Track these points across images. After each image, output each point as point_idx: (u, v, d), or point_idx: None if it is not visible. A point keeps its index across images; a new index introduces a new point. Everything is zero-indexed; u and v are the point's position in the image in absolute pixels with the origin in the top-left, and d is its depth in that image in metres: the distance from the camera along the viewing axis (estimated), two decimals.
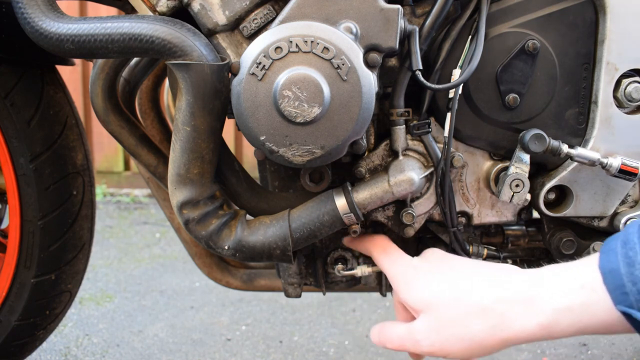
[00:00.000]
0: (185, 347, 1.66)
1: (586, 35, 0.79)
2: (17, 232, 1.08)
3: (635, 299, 0.54)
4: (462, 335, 0.66)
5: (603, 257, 0.59)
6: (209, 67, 0.68)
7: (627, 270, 0.55)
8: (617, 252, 0.57)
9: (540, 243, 0.92)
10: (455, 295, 0.68)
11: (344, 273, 0.90)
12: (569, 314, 0.60)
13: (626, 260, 0.56)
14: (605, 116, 0.80)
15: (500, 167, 0.83)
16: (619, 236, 0.59)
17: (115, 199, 3.58)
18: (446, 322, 0.67)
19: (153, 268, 2.37)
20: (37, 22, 0.71)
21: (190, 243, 1.14)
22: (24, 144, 1.03)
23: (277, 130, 0.69)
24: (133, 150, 0.98)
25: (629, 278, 0.55)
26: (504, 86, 0.79)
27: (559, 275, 0.63)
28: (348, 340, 1.71)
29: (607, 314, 0.57)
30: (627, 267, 0.55)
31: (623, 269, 0.55)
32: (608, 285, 0.57)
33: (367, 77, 0.68)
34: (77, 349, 1.64)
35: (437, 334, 0.67)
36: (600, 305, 0.57)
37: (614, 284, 0.56)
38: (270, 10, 0.74)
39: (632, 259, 0.55)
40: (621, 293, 0.55)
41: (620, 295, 0.55)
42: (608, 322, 0.58)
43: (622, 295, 0.55)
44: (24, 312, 1.11)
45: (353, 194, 0.77)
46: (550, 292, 0.62)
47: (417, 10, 0.80)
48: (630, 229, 0.58)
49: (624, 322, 0.56)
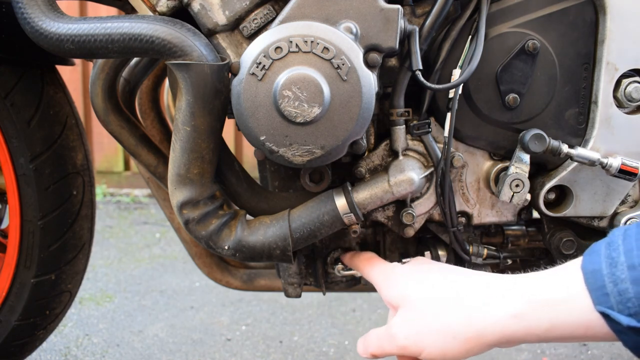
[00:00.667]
0: (185, 347, 1.66)
1: (586, 35, 0.79)
2: (17, 232, 1.08)
3: (615, 300, 0.53)
4: (437, 327, 0.65)
5: (586, 259, 0.57)
6: (209, 67, 0.68)
7: (609, 271, 0.54)
8: (600, 253, 0.56)
9: (540, 243, 0.92)
10: (431, 290, 0.68)
11: (344, 273, 0.90)
12: (544, 308, 0.58)
13: (608, 260, 0.55)
14: (605, 116, 0.80)
15: (500, 167, 0.83)
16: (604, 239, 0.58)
17: (115, 199, 3.58)
18: (421, 314, 0.67)
19: (153, 268, 2.37)
20: (37, 22, 0.71)
21: (190, 243, 1.14)
22: (24, 144, 1.03)
23: (277, 130, 0.69)
24: (133, 150, 0.98)
25: (611, 279, 0.53)
26: (504, 86, 0.79)
27: (539, 275, 0.62)
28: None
29: (586, 314, 0.55)
30: (609, 268, 0.54)
31: (605, 269, 0.54)
32: (589, 286, 0.55)
33: (367, 77, 0.68)
34: (77, 349, 1.64)
35: (411, 326, 0.67)
36: (579, 304, 0.56)
37: (595, 284, 0.55)
38: (270, 10, 0.74)
39: (615, 259, 0.54)
40: (602, 294, 0.54)
41: (600, 296, 0.54)
42: (586, 322, 0.56)
43: (603, 297, 0.54)
44: (24, 312, 1.11)
45: (353, 194, 0.77)
46: (527, 286, 0.61)
47: (417, 10, 0.80)
48: (617, 232, 0.57)
49: (603, 325, 0.55)
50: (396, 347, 0.68)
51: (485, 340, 0.62)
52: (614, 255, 0.54)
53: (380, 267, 0.78)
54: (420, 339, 0.66)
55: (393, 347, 0.68)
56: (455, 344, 0.64)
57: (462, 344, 0.63)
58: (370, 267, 0.80)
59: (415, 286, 0.70)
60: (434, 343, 0.65)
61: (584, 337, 0.57)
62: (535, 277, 0.62)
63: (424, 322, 0.66)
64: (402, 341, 0.67)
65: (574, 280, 0.57)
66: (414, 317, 0.67)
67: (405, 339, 0.67)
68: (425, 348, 0.65)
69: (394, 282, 0.73)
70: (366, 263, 0.81)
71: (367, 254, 0.84)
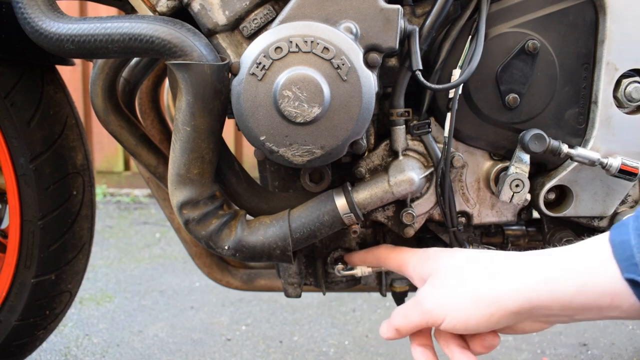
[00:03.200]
0: (185, 347, 1.66)
1: (586, 35, 0.79)
2: (17, 232, 1.08)
3: None
4: (463, 291, 0.65)
5: (614, 231, 0.58)
6: (209, 67, 0.68)
7: (638, 242, 0.54)
8: (629, 226, 0.56)
9: (540, 243, 0.92)
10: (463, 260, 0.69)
11: (344, 273, 0.90)
12: (571, 274, 0.58)
13: (637, 232, 0.55)
14: (605, 116, 0.80)
15: (500, 167, 0.83)
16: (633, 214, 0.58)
17: (115, 199, 3.58)
18: (450, 281, 0.67)
19: (153, 268, 2.37)
20: (37, 22, 0.71)
21: (190, 243, 1.14)
22: (24, 144, 1.03)
23: (277, 130, 0.69)
24: (133, 150, 0.98)
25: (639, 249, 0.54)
26: (504, 86, 0.79)
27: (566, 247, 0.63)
28: (348, 340, 1.71)
29: (613, 282, 0.56)
30: (637, 239, 0.54)
31: (634, 240, 0.55)
32: (617, 256, 0.56)
33: (367, 77, 0.68)
34: (77, 349, 1.64)
35: (439, 291, 0.67)
36: (607, 272, 0.56)
37: (624, 254, 0.55)
38: (270, 10, 0.74)
39: None
40: (630, 264, 0.54)
41: (629, 265, 0.54)
42: (612, 291, 0.56)
43: (632, 266, 0.54)
44: (24, 312, 1.11)
45: (353, 194, 0.77)
46: (554, 255, 0.62)
47: (417, 10, 0.80)
48: None
49: (629, 295, 0.55)
50: (421, 313, 0.68)
51: (508, 304, 0.62)
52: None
53: (410, 249, 0.79)
54: (446, 303, 0.66)
55: (417, 314, 0.69)
56: (479, 308, 0.64)
57: (485, 307, 0.63)
58: (401, 252, 0.79)
59: (447, 259, 0.71)
60: (458, 307, 0.65)
61: (609, 308, 0.58)
62: (562, 249, 0.62)
63: (452, 287, 0.67)
64: (427, 305, 0.68)
65: (602, 251, 0.57)
66: (443, 284, 0.68)
67: (431, 303, 0.68)
68: (449, 313, 0.66)
69: (427, 258, 0.74)
70: (392, 250, 0.81)
71: (385, 245, 0.84)
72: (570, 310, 0.60)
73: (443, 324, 0.66)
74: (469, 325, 0.65)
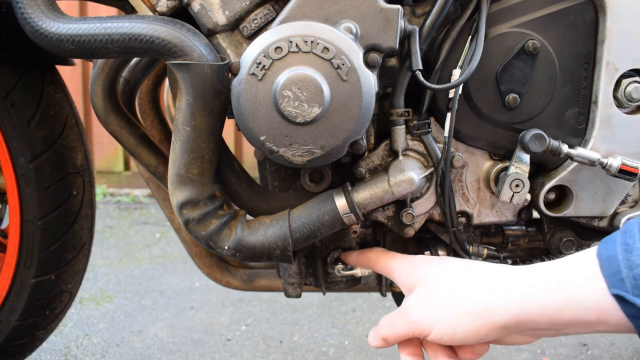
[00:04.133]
0: (185, 347, 1.66)
1: (586, 35, 0.79)
2: (17, 232, 1.08)
3: (631, 285, 0.53)
4: (451, 303, 0.65)
5: (601, 246, 0.58)
6: (209, 67, 0.68)
7: (625, 257, 0.54)
8: (616, 240, 0.56)
9: (540, 243, 0.92)
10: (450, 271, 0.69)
11: (344, 273, 0.90)
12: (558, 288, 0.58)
13: (624, 247, 0.55)
14: (605, 116, 0.80)
15: (500, 167, 0.83)
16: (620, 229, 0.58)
17: (115, 199, 3.58)
18: (437, 292, 0.68)
19: (153, 268, 2.37)
20: (37, 22, 0.71)
21: (190, 243, 1.14)
22: (24, 144, 1.03)
23: (277, 130, 0.69)
24: (133, 150, 0.98)
25: (626, 264, 0.54)
26: (504, 86, 0.79)
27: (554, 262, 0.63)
28: (348, 340, 1.71)
29: (600, 297, 0.56)
30: (624, 254, 0.54)
31: (621, 255, 0.55)
32: (604, 271, 0.56)
33: (367, 77, 0.68)
34: (77, 349, 1.64)
35: (426, 302, 0.67)
36: (593, 288, 0.56)
37: (611, 269, 0.55)
38: (270, 10, 0.74)
39: (631, 245, 0.54)
40: (617, 279, 0.54)
41: (616, 280, 0.54)
42: (599, 306, 0.56)
43: (618, 281, 0.54)
44: (24, 312, 1.11)
45: (353, 194, 0.77)
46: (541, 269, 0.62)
47: (417, 10, 0.80)
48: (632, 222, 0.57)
49: (616, 310, 0.55)
50: (407, 324, 0.68)
51: (496, 318, 0.62)
52: (630, 242, 0.55)
53: (400, 255, 0.79)
54: (433, 314, 0.66)
55: (404, 324, 0.69)
56: (466, 321, 0.63)
57: (472, 320, 0.63)
58: (390, 258, 0.80)
59: (435, 269, 0.71)
60: (445, 319, 0.65)
61: (596, 323, 0.57)
62: (550, 263, 0.62)
63: (439, 299, 0.67)
64: (414, 316, 0.67)
65: (589, 266, 0.57)
66: (430, 294, 0.68)
67: (418, 314, 0.67)
68: (436, 324, 0.65)
69: (415, 266, 0.74)
70: (382, 255, 0.81)
71: (378, 248, 0.85)
72: (558, 325, 0.60)
73: (430, 335, 0.66)
74: (456, 337, 0.65)
